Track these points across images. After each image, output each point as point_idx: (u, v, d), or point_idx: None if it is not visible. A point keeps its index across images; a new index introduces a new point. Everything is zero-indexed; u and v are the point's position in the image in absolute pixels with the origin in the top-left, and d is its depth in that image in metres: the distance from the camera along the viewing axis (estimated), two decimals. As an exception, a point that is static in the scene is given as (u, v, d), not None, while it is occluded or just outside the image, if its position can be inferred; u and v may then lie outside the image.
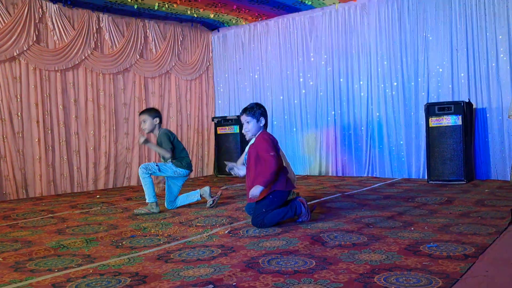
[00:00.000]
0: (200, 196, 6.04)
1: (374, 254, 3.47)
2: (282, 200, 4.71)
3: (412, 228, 4.31)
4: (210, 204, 5.91)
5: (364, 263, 3.25)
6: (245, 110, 4.79)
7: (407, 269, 3.09)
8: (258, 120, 4.75)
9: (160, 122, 5.92)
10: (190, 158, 10.08)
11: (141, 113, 6.03)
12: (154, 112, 5.94)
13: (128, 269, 3.31)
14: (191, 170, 6.02)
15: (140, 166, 5.65)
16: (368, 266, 3.18)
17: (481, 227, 4.21)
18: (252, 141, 4.90)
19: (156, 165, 5.70)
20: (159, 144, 5.84)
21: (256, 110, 4.75)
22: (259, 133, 4.79)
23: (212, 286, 2.86)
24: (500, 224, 4.33)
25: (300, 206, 4.74)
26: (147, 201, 5.62)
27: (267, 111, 4.99)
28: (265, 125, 4.81)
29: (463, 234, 3.98)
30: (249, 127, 4.76)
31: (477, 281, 2.83)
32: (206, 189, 6.05)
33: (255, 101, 5.42)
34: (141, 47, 9.52)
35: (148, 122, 5.84)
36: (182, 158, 5.91)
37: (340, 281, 2.88)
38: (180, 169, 5.84)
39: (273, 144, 4.67)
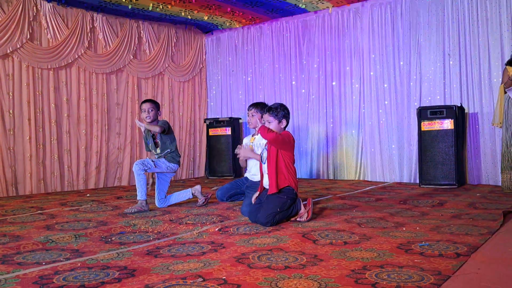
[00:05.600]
0: (192, 194, 6.03)
1: (366, 252, 3.46)
2: (293, 200, 4.71)
3: (404, 228, 4.30)
4: (203, 202, 5.91)
5: (355, 260, 3.24)
6: (269, 110, 4.77)
7: (398, 266, 3.07)
8: (280, 122, 4.75)
9: None
10: (182, 160, 10.20)
11: (148, 101, 5.97)
12: (158, 105, 6.01)
13: (117, 263, 3.29)
14: (180, 165, 6.05)
15: (136, 162, 5.59)
16: (360, 263, 3.17)
17: (473, 228, 4.20)
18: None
19: (152, 161, 5.69)
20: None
21: (280, 111, 4.75)
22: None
23: (202, 279, 2.84)
24: (492, 225, 4.32)
25: (299, 203, 4.77)
26: (138, 198, 5.57)
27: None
28: (285, 127, 4.83)
29: (455, 234, 3.97)
30: (270, 127, 4.73)
31: (468, 278, 2.82)
32: (198, 187, 6.06)
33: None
34: (134, 48, 9.49)
35: (153, 112, 5.87)
36: (176, 153, 5.95)
37: (331, 277, 2.87)
38: (173, 164, 5.89)
39: (286, 139, 4.70)
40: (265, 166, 4.86)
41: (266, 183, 4.87)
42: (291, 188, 4.69)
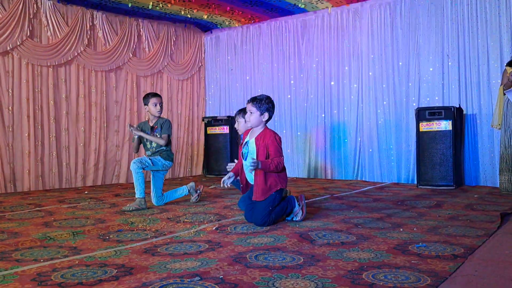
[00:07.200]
0: (188, 191, 6.06)
1: (363, 252, 3.47)
2: (281, 192, 4.69)
3: (401, 229, 4.30)
4: (196, 199, 6.06)
5: (352, 260, 3.24)
6: (253, 100, 4.68)
7: (395, 267, 3.08)
8: (261, 114, 4.66)
9: None
10: (180, 158, 10.21)
11: (159, 95, 6.04)
12: None
13: (115, 261, 3.29)
14: (173, 163, 6.10)
15: (133, 161, 5.60)
16: (357, 263, 3.17)
17: (470, 230, 4.21)
18: (248, 138, 4.83)
19: (149, 159, 5.69)
20: (161, 126, 5.89)
21: (264, 103, 4.66)
22: (262, 128, 4.74)
23: (199, 278, 2.85)
24: (489, 227, 4.33)
25: (294, 201, 4.76)
26: (136, 196, 5.59)
27: None
28: (267, 120, 4.73)
29: (452, 236, 3.98)
30: (251, 118, 4.68)
31: (466, 280, 2.82)
32: (192, 184, 6.11)
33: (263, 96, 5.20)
34: (134, 46, 9.49)
35: (162, 106, 5.97)
36: (171, 151, 6.00)
37: (328, 277, 2.87)
38: (168, 161, 5.91)
39: (281, 146, 4.68)
40: (246, 164, 4.74)
41: (250, 178, 4.83)
42: (281, 188, 4.68)
